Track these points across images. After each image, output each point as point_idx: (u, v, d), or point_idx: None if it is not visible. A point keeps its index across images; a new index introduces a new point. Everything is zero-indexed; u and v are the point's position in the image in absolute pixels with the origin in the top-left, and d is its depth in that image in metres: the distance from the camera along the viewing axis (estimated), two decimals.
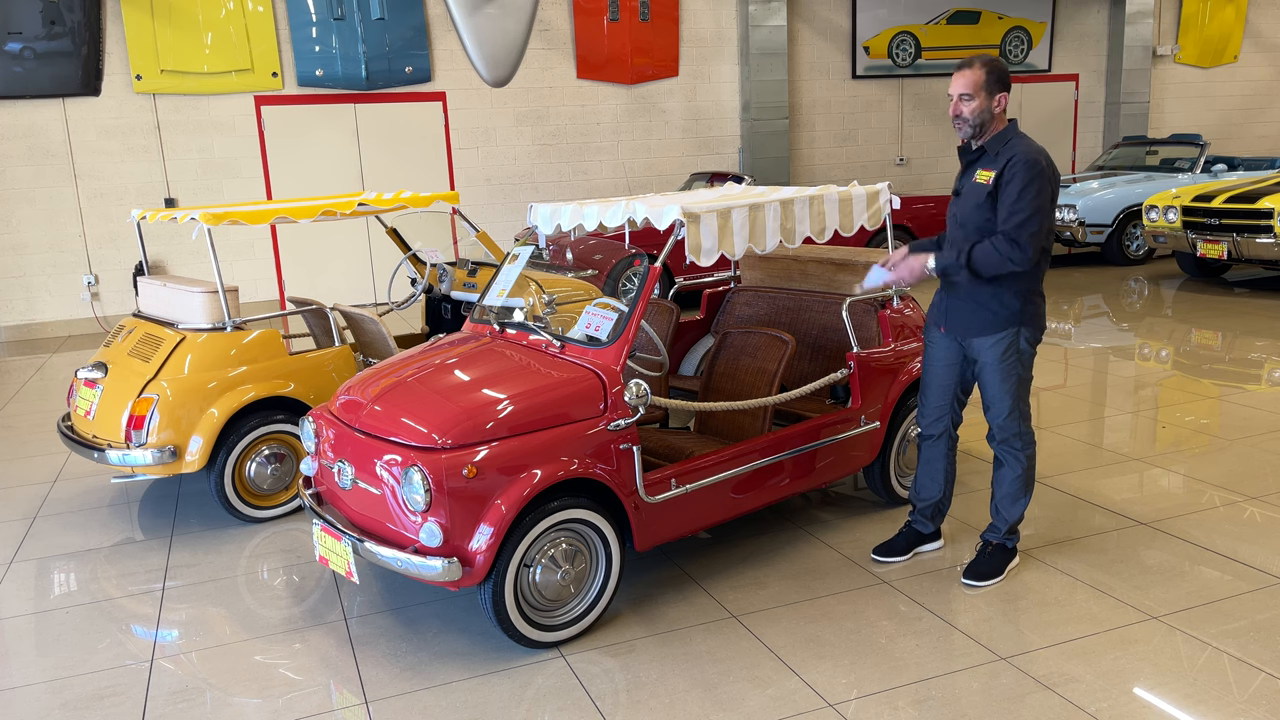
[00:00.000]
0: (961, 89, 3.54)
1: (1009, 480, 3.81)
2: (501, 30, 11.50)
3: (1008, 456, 3.80)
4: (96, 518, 5.03)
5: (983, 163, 3.61)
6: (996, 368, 3.68)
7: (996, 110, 3.56)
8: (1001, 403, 3.71)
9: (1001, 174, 3.50)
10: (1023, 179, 3.45)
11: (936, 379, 3.88)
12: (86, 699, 3.33)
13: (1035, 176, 3.45)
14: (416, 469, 3.21)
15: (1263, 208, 9.06)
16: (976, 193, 3.59)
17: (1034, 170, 3.46)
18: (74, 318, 10.73)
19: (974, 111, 3.53)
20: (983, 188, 3.57)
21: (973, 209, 3.60)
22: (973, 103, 3.53)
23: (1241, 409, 5.95)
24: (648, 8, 12.38)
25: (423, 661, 3.46)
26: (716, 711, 3.08)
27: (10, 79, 10.08)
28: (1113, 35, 15.05)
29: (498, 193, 12.19)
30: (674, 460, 3.90)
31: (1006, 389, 3.70)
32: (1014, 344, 3.66)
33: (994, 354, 3.67)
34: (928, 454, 3.99)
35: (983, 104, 3.53)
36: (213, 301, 4.80)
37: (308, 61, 11.08)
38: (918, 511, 4.09)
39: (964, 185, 3.67)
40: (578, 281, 5.93)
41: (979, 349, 3.71)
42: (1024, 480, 3.80)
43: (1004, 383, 3.69)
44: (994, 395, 3.72)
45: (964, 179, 3.69)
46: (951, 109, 3.59)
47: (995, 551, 3.89)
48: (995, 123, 3.59)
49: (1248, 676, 3.13)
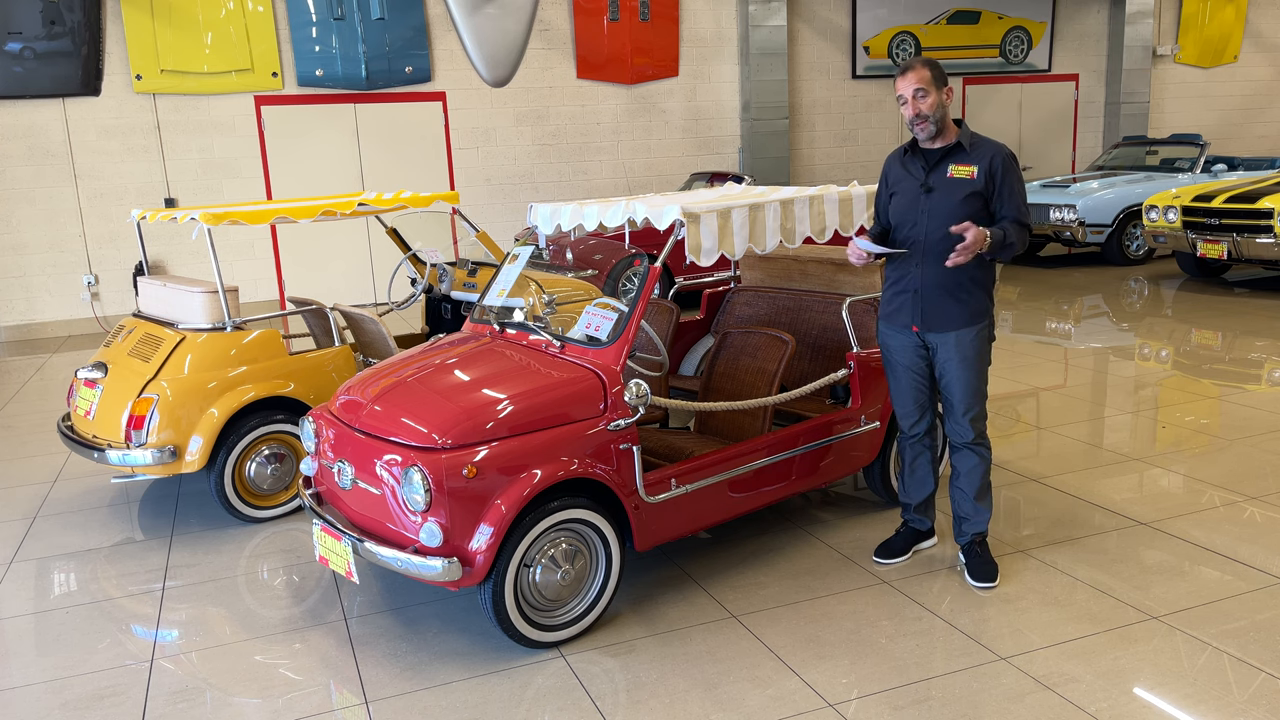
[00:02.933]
0: (915, 84, 3.58)
1: (979, 477, 3.84)
2: (501, 30, 11.51)
3: (975, 454, 3.82)
4: (96, 518, 5.03)
5: (956, 158, 3.66)
6: (971, 363, 3.71)
7: (948, 103, 3.65)
8: (971, 399, 3.74)
9: (990, 169, 3.61)
10: (1012, 170, 3.65)
11: (909, 379, 3.88)
12: (86, 699, 3.33)
13: (1017, 168, 3.69)
14: (416, 469, 3.21)
15: (1263, 208, 9.06)
16: (958, 187, 3.63)
17: (1015, 162, 3.69)
18: (74, 318, 10.73)
19: (932, 106, 3.60)
20: (965, 182, 3.62)
21: (959, 202, 3.62)
22: (929, 98, 3.59)
23: (1241, 409, 5.95)
24: (648, 8, 12.38)
25: (423, 661, 3.46)
26: (716, 711, 3.08)
27: (10, 79, 10.08)
28: (1113, 35, 15.05)
29: (498, 193, 12.20)
30: (674, 460, 3.90)
31: (978, 384, 3.74)
32: (984, 335, 3.74)
33: (970, 348, 3.70)
34: (913, 454, 4.01)
35: (936, 98, 3.60)
36: (213, 301, 4.80)
37: (308, 61, 11.08)
38: (912, 511, 4.10)
39: (936, 182, 3.68)
40: (578, 281, 5.93)
41: (954, 344, 3.71)
42: (988, 472, 3.86)
43: (976, 377, 3.73)
44: (964, 391, 3.74)
45: (933, 176, 3.69)
46: (909, 110, 3.62)
47: (983, 545, 3.92)
48: (948, 118, 3.69)
49: (1248, 676, 3.13)
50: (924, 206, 3.69)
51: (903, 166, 3.79)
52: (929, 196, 3.68)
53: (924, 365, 3.84)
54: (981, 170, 3.61)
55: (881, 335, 3.92)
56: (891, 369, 3.92)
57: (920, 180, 3.70)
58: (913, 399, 3.90)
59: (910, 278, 3.74)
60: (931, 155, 3.70)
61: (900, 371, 3.88)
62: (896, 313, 3.82)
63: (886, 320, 3.88)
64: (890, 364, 3.91)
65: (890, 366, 3.92)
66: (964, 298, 3.68)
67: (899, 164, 3.82)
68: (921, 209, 3.69)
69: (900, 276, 3.78)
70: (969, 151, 3.65)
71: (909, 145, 3.79)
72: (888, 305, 3.86)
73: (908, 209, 3.73)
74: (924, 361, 3.83)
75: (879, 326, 3.94)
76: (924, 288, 3.71)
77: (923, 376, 3.86)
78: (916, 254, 3.71)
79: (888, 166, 3.88)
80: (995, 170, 3.61)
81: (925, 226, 3.68)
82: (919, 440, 3.97)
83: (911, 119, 3.63)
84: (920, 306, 3.73)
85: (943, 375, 3.79)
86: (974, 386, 3.74)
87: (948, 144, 3.68)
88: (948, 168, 3.66)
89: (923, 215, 3.69)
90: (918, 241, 3.70)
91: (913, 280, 3.73)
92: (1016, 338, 8.23)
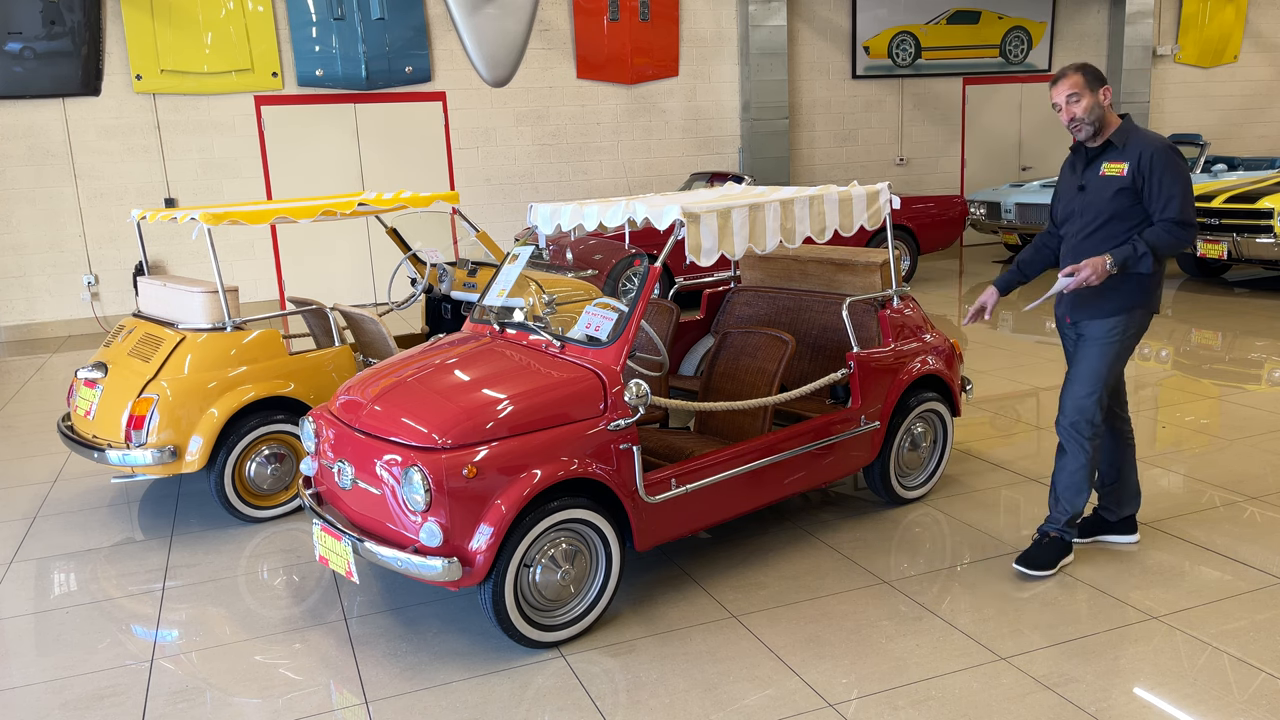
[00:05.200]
0: (1067, 91, 3.67)
1: (1072, 470, 3.84)
2: (501, 30, 11.50)
3: (1072, 444, 3.82)
4: (96, 518, 5.03)
5: (1109, 156, 3.72)
6: (1101, 347, 3.75)
7: (1105, 104, 3.69)
8: (1086, 380, 3.76)
9: (1139, 165, 3.63)
10: (1167, 167, 3.61)
11: None
12: (86, 699, 3.33)
13: (1176, 162, 3.63)
14: (416, 469, 3.21)
15: (1263, 208, 9.06)
16: (1108, 184, 3.70)
17: (1172, 156, 3.63)
18: (74, 318, 10.73)
19: (1086, 109, 3.66)
20: (1116, 179, 3.68)
21: (1109, 199, 3.68)
22: (1081, 101, 3.66)
23: (1241, 409, 5.95)
24: (648, 8, 12.38)
25: (423, 661, 3.46)
26: (716, 711, 3.08)
27: (10, 79, 10.08)
28: (1113, 35, 15.05)
29: (498, 193, 12.20)
30: (674, 460, 3.90)
31: (1100, 366, 3.75)
32: (1124, 325, 3.75)
33: (1103, 333, 3.74)
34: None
35: (1091, 100, 3.65)
36: (213, 301, 4.80)
37: (308, 61, 11.08)
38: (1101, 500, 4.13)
39: (1089, 180, 3.75)
40: (578, 281, 5.93)
41: (1091, 331, 3.77)
42: (1087, 471, 3.84)
43: (1101, 358, 3.75)
44: (1083, 370, 3.77)
45: (1087, 174, 3.76)
46: (1064, 115, 3.69)
47: (1052, 543, 3.90)
48: (1109, 118, 3.73)
49: (1248, 676, 3.13)
50: (1078, 205, 3.80)
51: (1069, 167, 3.90)
52: (1082, 194, 3.78)
53: None
54: (1131, 167, 3.65)
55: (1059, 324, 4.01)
56: (1068, 358, 4.00)
57: (1078, 179, 3.81)
58: None
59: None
60: (1089, 154, 3.79)
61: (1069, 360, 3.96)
62: (1057, 305, 3.95)
63: (1057, 315, 3.98)
64: (1066, 352, 4.01)
65: (1067, 356, 4.01)
66: (1109, 292, 3.74)
67: (1067, 165, 3.93)
68: (1075, 207, 3.80)
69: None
70: (1121, 148, 3.69)
71: (1075, 145, 3.86)
72: (1057, 301, 3.96)
73: (1067, 208, 3.87)
74: None
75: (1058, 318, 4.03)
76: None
77: None
78: (1073, 252, 3.81)
79: (1061, 169, 3.99)
80: (1145, 166, 3.63)
81: (1079, 224, 3.79)
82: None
83: (1068, 123, 3.70)
84: (1071, 298, 3.83)
85: (1072, 358, 3.87)
86: (1096, 370, 3.76)
87: (1103, 142, 3.74)
88: (1100, 166, 3.74)
89: (1076, 214, 3.80)
90: (1074, 239, 3.81)
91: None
92: (1017, 338, 8.23)
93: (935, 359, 4.58)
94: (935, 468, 4.76)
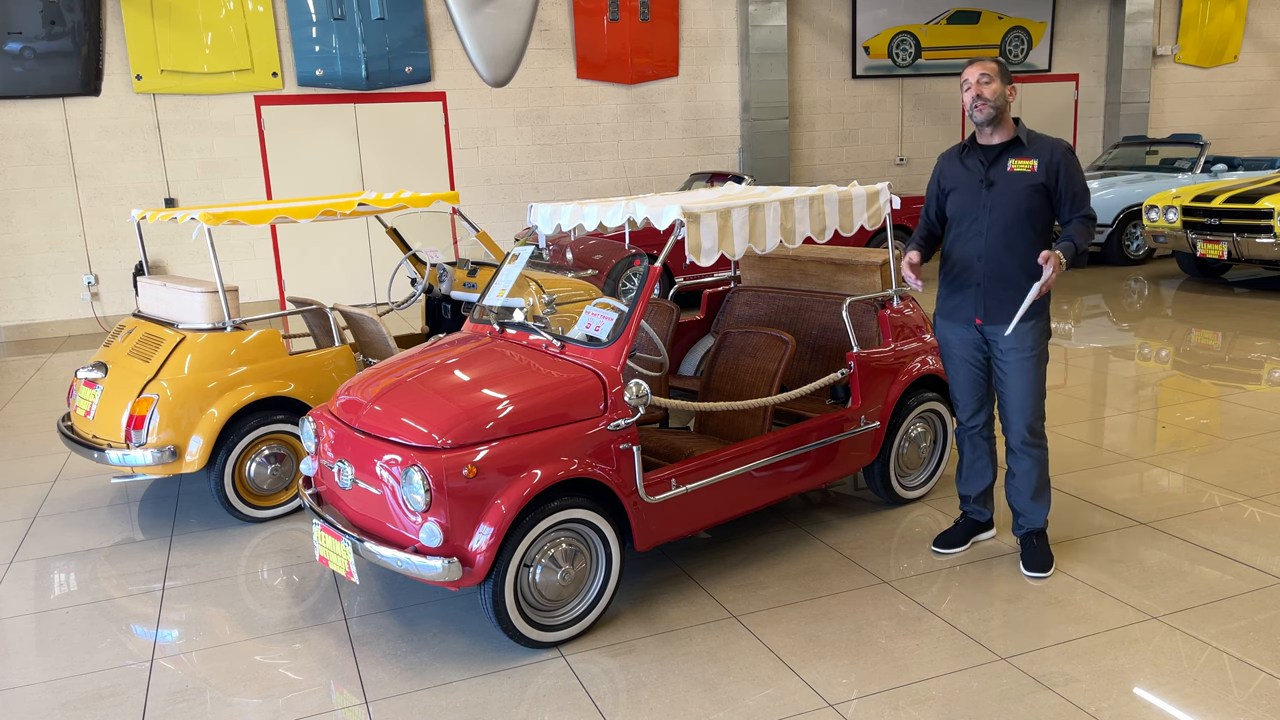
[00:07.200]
0: (980, 71, 3.68)
1: (1036, 476, 3.89)
2: (501, 30, 11.51)
3: (1028, 456, 3.87)
4: (96, 518, 5.03)
5: (1015, 153, 3.74)
6: (1030, 358, 3.75)
7: (1010, 98, 3.71)
8: (1025, 395, 3.78)
9: (1050, 164, 3.68)
10: (1074, 166, 3.72)
11: (968, 372, 3.95)
12: (86, 699, 3.33)
13: (1078, 161, 3.78)
14: (416, 469, 3.21)
15: (1263, 208, 9.06)
16: (1019, 180, 3.71)
17: (1075, 156, 3.76)
18: (74, 318, 10.73)
19: (995, 93, 3.67)
20: (1026, 175, 3.70)
21: (1024, 195, 3.70)
22: (992, 84, 3.67)
23: (1241, 409, 5.95)
24: (648, 8, 12.38)
25: (423, 661, 3.46)
26: (716, 711, 3.08)
27: (10, 79, 10.08)
28: (1113, 35, 15.05)
29: (498, 193, 12.20)
30: (674, 460, 3.90)
31: (1034, 377, 3.78)
32: (1042, 328, 3.78)
33: (1030, 340, 3.74)
34: (971, 446, 4.06)
35: (1000, 87, 3.68)
36: (213, 301, 4.80)
37: (308, 61, 11.08)
38: (971, 502, 4.14)
39: (997, 176, 3.75)
40: (578, 281, 5.93)
41: (1013, 338, 3.76)
42: (1046, 466, 3.91)
43: (1035, 369, 3.77)
44: (1025, 389, 3.78)
45: (993, 171, 3.76)
46: (971, 92, 3.69)
47: (1040, 537, 3.95)
48: (1008, 113, 3.74)
49: (1248, 676, 3.13)
50: (985, 201, 3.77)
51: (960, 163, 3.86)
52: (990, 190, 3.76)
53: (983, 359, 3.92)
54: (1042, 164, 3.69)
55: (939, 329, 3.99)
56: (950, 361, 3.99)
57: (980, 175, 3.78)
58: (971, 392, 3.97)
59: (973, 272, 3.80)
60: (990, 151, 3.79)
61: (959, 364, 3.95)
62: (958, 309, 3.89)
63: (946, 317, 3.95)
64: (949, 357, 3.99)
65: (949, 359, 3.99)
66: (1026, 290, 3.74)
67: (956, 161, 3.88)
68: (983, 203, 3.77)
69: (961, 272, 3.84)
70: (1027, 146, 3.73)
71: (966, 143, 3.86)
72: (947, 301, 3.93)
73: (969, 204, 3.81)
74: (983, 355, 3.91)
75: (936, 322, 4.01)
76: (987, 281, 3.78)
77: (981, 370, 3.94)
78: (979, 248, 3.78)
79: (941, 165, 3.95)
80: (1056, 165, 3.68)
81: (988, 220, 3.76)
82: (978, 432, 4.03)
83: (972, 100, 3.69)
84: (983, 300, 3.80)
85: (1002, 374, 3.84)
86: (1032, 383, 3.79)
87: (1006, 139, 3.76)
88: (1007, 162, 3.74)
89: (984, 209, 3.77)
90: (979, 235, 3.78)
91: (975, 275, 3.80)
92: None
93: (935, 359, 4.58)
94: (935, 468, 4.76)
